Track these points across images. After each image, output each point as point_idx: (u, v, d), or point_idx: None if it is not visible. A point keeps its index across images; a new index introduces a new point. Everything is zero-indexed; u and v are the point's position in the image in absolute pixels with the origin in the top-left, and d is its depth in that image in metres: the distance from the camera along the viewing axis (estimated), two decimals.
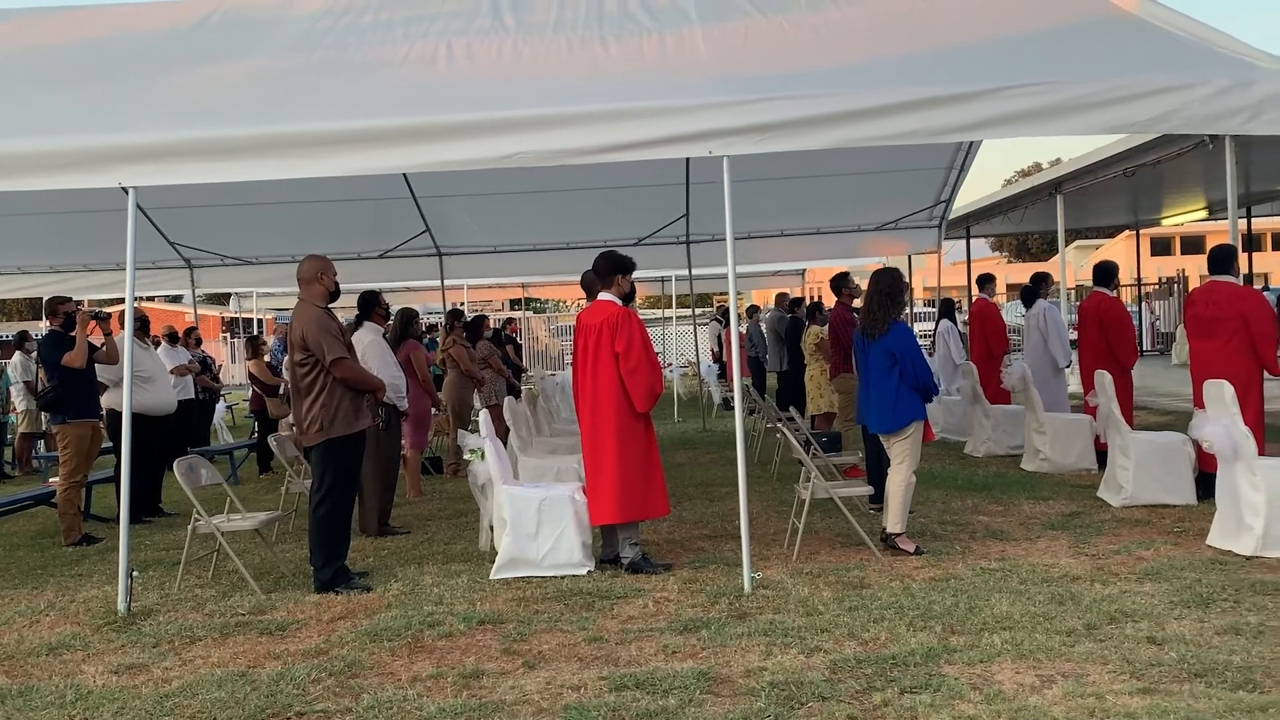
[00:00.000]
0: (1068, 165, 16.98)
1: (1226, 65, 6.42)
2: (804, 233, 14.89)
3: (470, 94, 6.97)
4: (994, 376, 11.87)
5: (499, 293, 29.18)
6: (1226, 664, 4.49)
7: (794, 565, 6.63)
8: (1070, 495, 8.64)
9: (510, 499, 6.74)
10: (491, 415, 8.64)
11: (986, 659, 4.72)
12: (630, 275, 7.01)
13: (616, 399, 6.64)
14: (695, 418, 16.87)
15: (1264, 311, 7.68)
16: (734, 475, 6.27)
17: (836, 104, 6.27)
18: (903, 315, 7.32)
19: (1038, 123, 6.22)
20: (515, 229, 13.87)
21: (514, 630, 5.52)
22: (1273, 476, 6.34)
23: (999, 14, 7.75)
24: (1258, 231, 27.05)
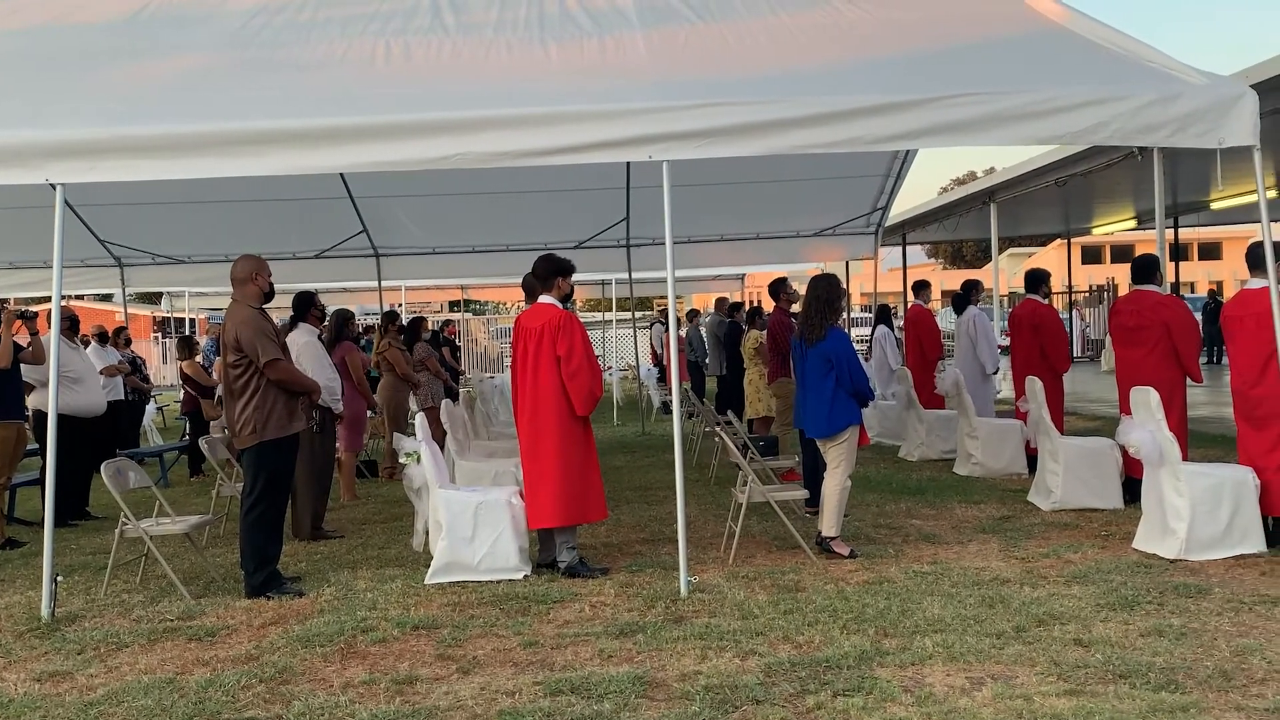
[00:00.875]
0: (1001, 175, 17.30)
1: (1154, 79, 6.57)
2: (743, 238, 15.01)
3: (409, 94, 6.91)
4: (929, 382, 12.04)
5: (438, 294, 29.01)
6: (1150, 665, 4.59)
7: (730, 569, 6.66)
8: (1001, 499, 8.79)
9: (446, 502, 6.70)
10: (428, 418, 8.59)
11: (918, 661, 4.78)
12: (570, 278, 7.01)
13: (556, 402, 6.62)
14: (634, 421, 16.89)
15: (1186, 320, 7.88)
16: (672, 479, 6.29)
17: (775, 111, 6.32)
18: (840, 321, 7.39)
19: (971, 133, 6.32)
20: (454, 230, 13.80)
21: (449, 635, 5.48)
22: (1196, 482, 6.50)
23: (935, 26, 7.85)
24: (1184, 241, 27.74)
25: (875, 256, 15.22)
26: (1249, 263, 6.91)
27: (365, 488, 10.84)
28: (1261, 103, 6.72)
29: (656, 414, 17.76)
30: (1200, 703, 4.17)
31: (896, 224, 20.44)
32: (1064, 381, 9.82)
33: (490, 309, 43.44)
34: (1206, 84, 6.48)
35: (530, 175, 10.00)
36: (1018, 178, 16.24)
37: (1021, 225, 25.69)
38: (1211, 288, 37.47)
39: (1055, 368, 9.62)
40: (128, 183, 6.56)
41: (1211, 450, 9.68)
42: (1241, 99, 6.40)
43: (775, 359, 10.25)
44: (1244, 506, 6.50)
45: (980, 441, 10.16)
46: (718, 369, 14.44)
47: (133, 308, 22.71)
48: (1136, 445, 6.74)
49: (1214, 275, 52.01)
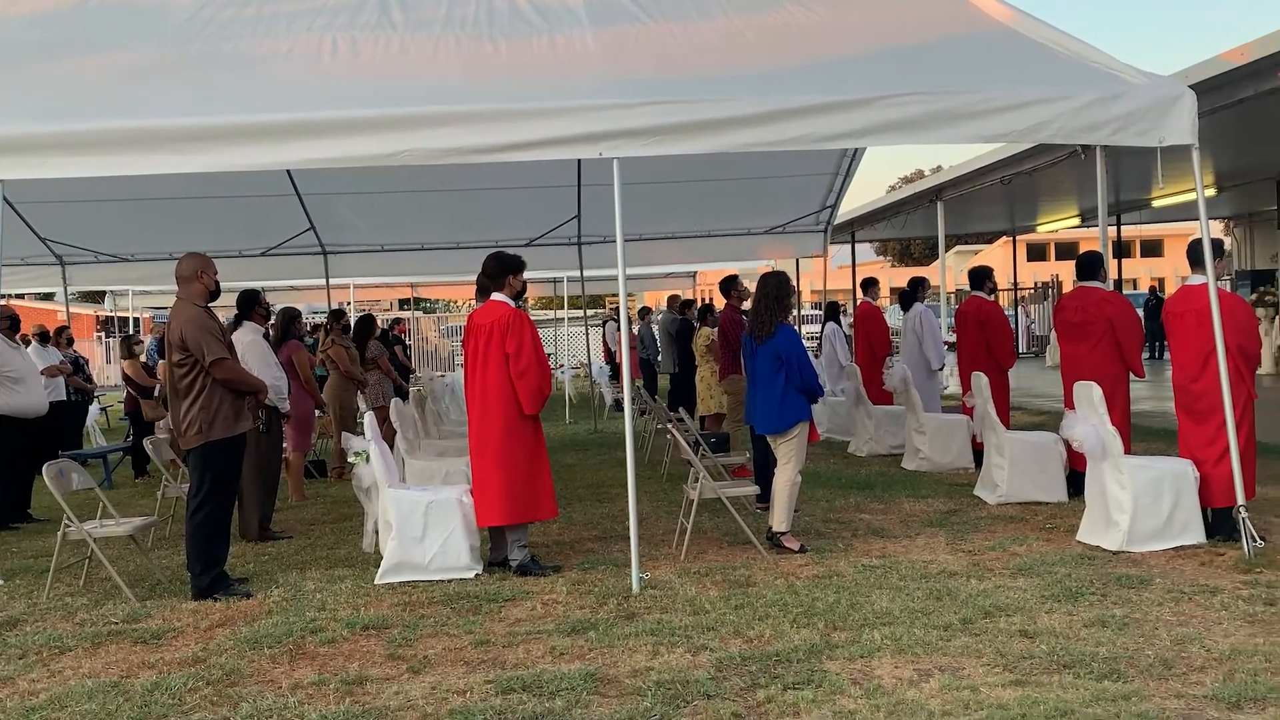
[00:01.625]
0: (947, 173, 17.51)
1: (1096, 79, 6.68)
2: (695, 235, 15.06)
3: (356, 90, 6.85)
4: (877, 378, 12.15)
5: (387, 292, 28.79)
6: (1093, 655, 4.67)
7: (682, 565, 6.69)
8: (949, 493, 8.89)
9: (396, 502, 6.65)
10: (377, 417, 8.52)
11: (867, 654, 4.83)
12: (521, 275, 6.98)
13: (506, 400, 6.60)
14: (586, 419, 16.87)
15: (1129, 316, 8.02)
16: (624, 476, 6.30)
17: (725, 109, 6.34)
18: (790, 318, 7.43)
19: (917, 131, 6.39)
20: (404, 228, 13.70)
21: (399, 635, 5.45)
22: (1138, 475, 6.62)
23: (882, 26, 7.92)
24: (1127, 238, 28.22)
25: (825, 254, 15.35)
26: (1190, 260, 7.06)
27: (314, 488, 10.74)
28: (1200, 103, 6.86)
29: (609, 412, 17.76)
30: (1142, 691, 4.25)
31: (845, 222, 20.62)
32: (1009, 377, 9.95)
33: (441, 307, 43.17)
34: (1147, 84, 6.60)
35: (481, 172, 9.97)
36: (964, 176, 16.45)
37: (968, 223, 26.02)
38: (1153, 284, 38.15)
39: (1001, 363, 9.76)
40: (70, 180, 6.45)
41: (1154, 444, 9.86)
42: (1180, 99, 6.53)
43: (726, 356, 10.30)
44: (1184, 499, 6.63)
45: (927, 437, 10.28)
46: (670, 366, 14.47)
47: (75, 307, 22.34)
48: (1080, 439, 6.86)
49: (1156, 272, 52.97)
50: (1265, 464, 8.62)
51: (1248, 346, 6.78)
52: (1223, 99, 10.46)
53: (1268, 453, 9.43)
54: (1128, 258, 36.39)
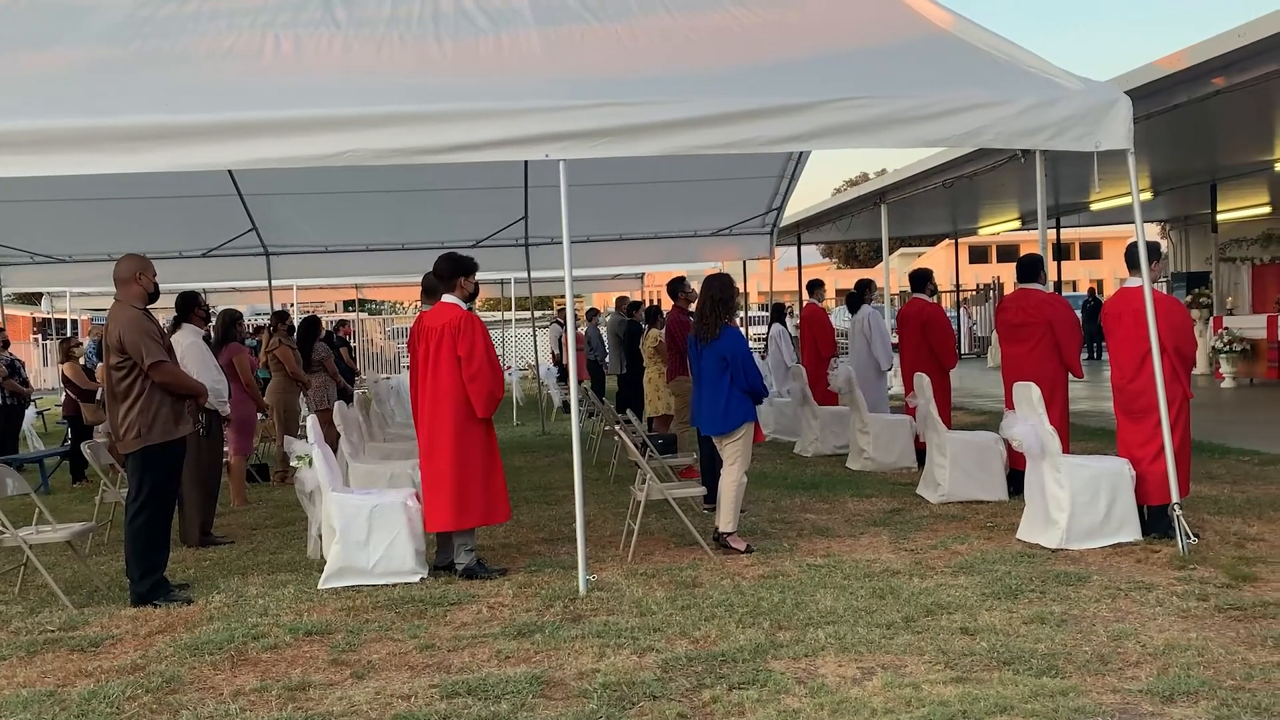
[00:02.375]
0: (891, 176, 17.70)
1: (1034, 84, 6.79)
2: (642, 237, 15.10)
3: (298, 89, 6.78)
4: (823, 379, 12.24)
5: (332, 293, 28.49)
6: (1032, 652, 4.75)
7: (629, 566, 6.69)
8: (892, 493, 8.99)
9: (340, 506, 6.59)
10: (321, 420, 8.44)
11: (811, 653, 4.87)
12: (473, 276, 6.94)
13: (457, 403, 6.56)
14: (534, 421, 16.82)
15: (1068, 317, 8.16)
16: (571, 478, 6.29)
17: (671, 112, 6.36)
18: (735, 320, 7.47)
19: (860, 135, 6.46)
20: (348, 228, 13.58)
21: (343, 640, 5.40)
22: (1076, 473, 6.74)
23: (826, 30, 7.99)
24: (1066, 241, 28.71)
25: (771, 256, 15.44)
26: (1127, 262, 7.20)
27: (256, 492, 10.60)
28: (1136, 108, 7.00)
29: (556, 413, 17.72)
30: (1079, 686, 4.33)
31: (791, 224, 20.77)
32: (951, 377, 10.09)
33: (387, 308, 42.81)
34: (1083, 89, 6.72)
35: (427, 173, 9.91)
36: (907, 179, 16.64)
37: (911, 225, 26.31)
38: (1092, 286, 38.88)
39: (943, 364, 9.89)
40: (4, 180, 6.31)
41: (1092, 443, 10.04)
42: (1116, 104, 6.65)
43: (674, 358, 10.32)
44: (1121, 497, 6.76)
45: (872, 437, 10.38)
46: (618, 368, 14.49)
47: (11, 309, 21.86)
48: (1019, 439, 6.97)
49: (1094, 274, 53.97)
50: (1199, 462, 8.83)
51: (1183, 347, 6.93)
52: (1158, 104, 10.68)
53: (1202, 451, 9.66)
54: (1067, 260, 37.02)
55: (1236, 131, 14.41)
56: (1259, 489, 8.26)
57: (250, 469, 10.94)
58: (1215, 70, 9.95)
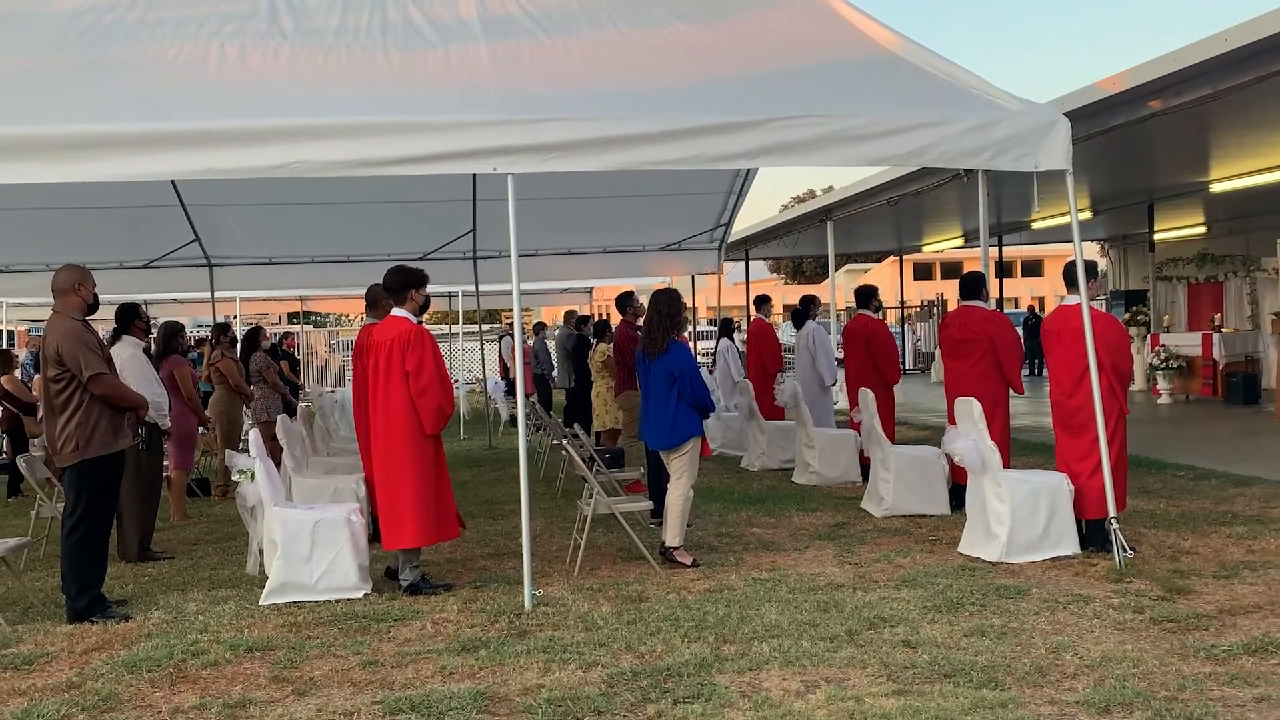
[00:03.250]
0: (837, 194, 17.89)
1: (976, 105, 6.91)
2: (591, 251, 15.11)
3: (243, 99, 6.72)
4: (769, 393, 12.32)
5: (275, 306, 28.13)
6: (973, 664, 4.81)
7: (575, 581, 6.68)
8: (837, 507, 9.06)
9: (282, 521, 6.51)
10: (263, 433, 8.34)
11: (755, 667, 4.89)
12: (424, 289, 6.91)
13: (409, 419, 6.50)
14: (481, 435, 16.75)
15: (1009, 334, 8.31)
16: (518, 493, 6.27)
17: (620, 127, 6.39)
18: (682, 334, 7.50)
19: (806, 154, 6.53)
20: (293, 240, 13.45)
21: (284, 657, 5.33)
22: (1016, 488, 6.84)
23: (773, 48, 8.07)
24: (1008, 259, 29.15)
25: (719, 271, 15.52)
26: (1065, 281, 7.33)
27: (197, 507, 10.44)
28: (1075, 129, 7.15)
29: (504, 427, 17.65)
30: (1018, 698, 4.39)
31: (739, 240, 20.91)
32: (895, 393, 10.20)
33: (332, 321, 42.39)
34: (1024, 110, 6.85)
35: (374, 185, 9.84)
36: (853, 197, 16.83)
37: (857, 242, 26.60)
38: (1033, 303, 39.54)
39: (887, 379, 10.00)
40: None
41: (1032, 458, 10.20)
42: (1055, 125, 6.79)
43: (622, 372, 10.34)
44: (1059, 511, 6.87)
45: (817, 451, 10.47)
46: (566, 382, 14.47)
47: None
48: (961, 453, 7.07)
49: (1036, 291, 54.88)
50: (1136, 477, 9.00)
51: (1120, 364, 7.07)
52: (1097, 125, 10.91)
53: (1139, 466, 9.85)
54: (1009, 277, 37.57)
55: (1173, 153, 14.75)
56: (1193, 503, 8.44)
57: (191, 483, 10.78)
58: (1152, 93, 10.19)
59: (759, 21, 8.59)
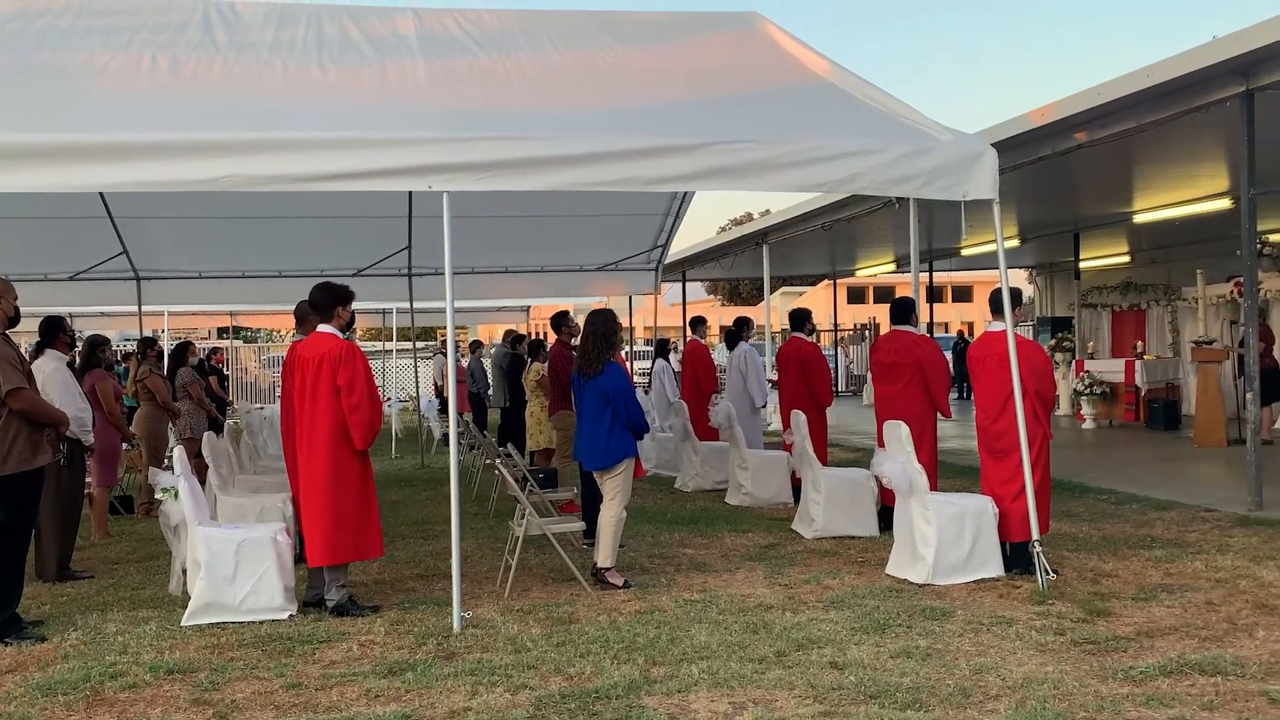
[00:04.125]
0: (773, 217, 18.09)
1: (907, 134, 7.04)
2: (528, 270, 15.11)
3: (174, 111, 6.63)
4: (704, 414, 12.38)
5: (205, 320, 27.68)
6: (898, 685, 4.86)
7: (505, 603, 6.64)
8: (768, 528, 9.12)
9: (206, 540, 6.39)
10: (188, 450, 8.20)
11: (684, 689, 4.90)
12: (350, 306, 6.85)
13: (335, 435, 6.43)
14: (413, 454, 16.60)
15: (938, 359, 8.44)
16: (450, 513, 6.23)
17: (556, 148, 6.39)
18: (618, 355, 7.51)
19: (740, 178, 6.59)
20: (224, 254, 13.28)
21: (206, 679, 5.23)
22: (942, 510, 6.94)
23: (709, 74, 8.17)
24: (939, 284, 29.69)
25: (656, 292, 15.60)
26: (991, 308, 7.48)
27: (119, 525, 10.21)
28: (1003, 159, 7.32)
29: (436, 446, 17.51)
30: (941, 719, 4.45)
31: (677, 261, 21.03)
32: (828, 415, 10.31)
33: (263, 336, 41.75)
34: (953, 141, 6.99)
35: (307, 200, 9.76)
36: (788, 221, 17.03)
37: (792, 265, 26.86)
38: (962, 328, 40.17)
39: (820, 402, 10.11)
40: None
41: (959, 481, 10.36)
42: (983, 156, 6.94)
43: (556, 391, 10.33)
44: (984, 534, 6.98)
45: (750, 472, 10.53)
46: (500, 401, 14.42)
47: None
48: (889, 476, 7.16)
49: (966, 316, 55.75)
50: (1060, 501, 9.19)
51: (1044, 390, 7.21)
52: (1025, 156, 11.17)
53: (1062, 490, 10.06)
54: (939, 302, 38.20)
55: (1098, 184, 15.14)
56: (1114, 527, 8.63)
57: (114, 501, 10.55)
58: (1078, 125, 10.47)
59: (698, 48, 8.70)
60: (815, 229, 16.38)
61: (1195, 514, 9.04)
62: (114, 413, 9.48)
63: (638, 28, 8.97)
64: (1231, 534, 8.12)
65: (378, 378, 30.14)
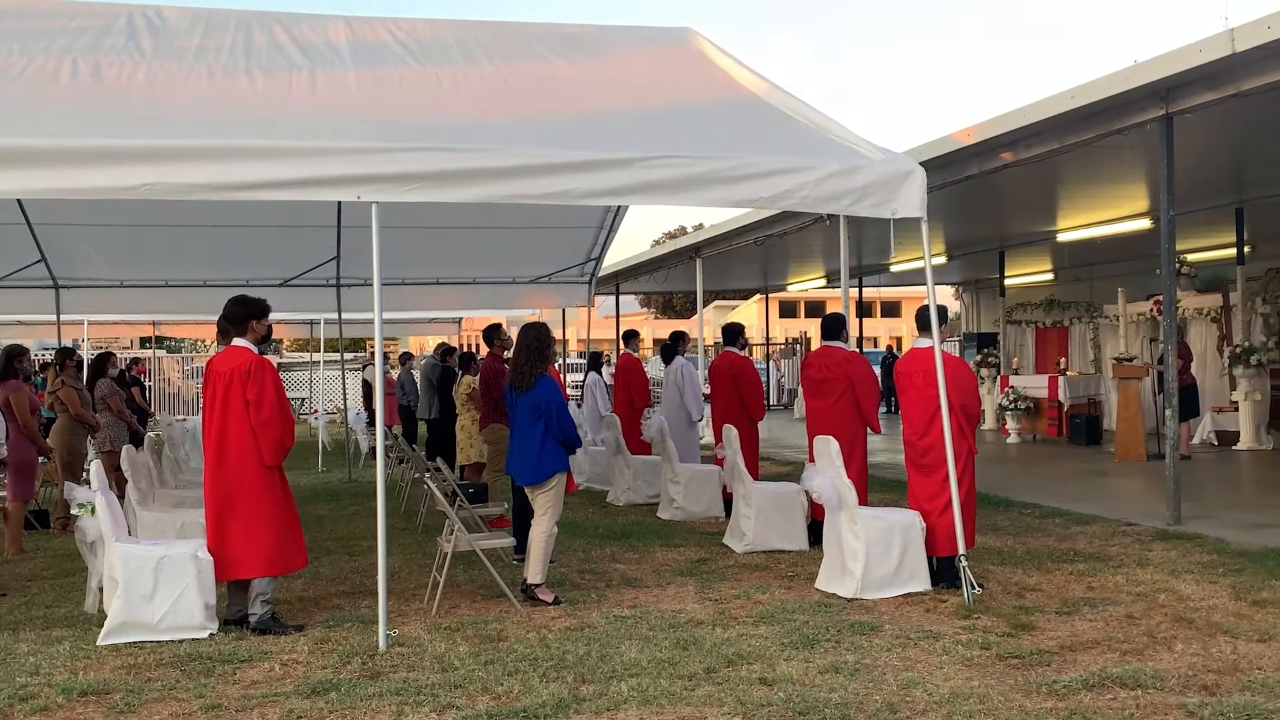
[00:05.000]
0: (707, 232, 18.19)
1: (838, 152, 7.11)
2: (460, 282, 14.96)
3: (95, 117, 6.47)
4: (637, 428, 12.38)
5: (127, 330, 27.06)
6: (826, 701, 4.87)
7: (433, 620, 6.55)
8: (700, 542, 9.12)
9: (123, 557, 6.21)
10: (107, 463, 7.98)
11: (613, 707, 4.86)
12: (266, 319, 6.72)
13: (245, 449, 6.32)
14: (341, 467, 16.35)
15: (867, 375, 8.52)
16: (376, 528, 6.12)
17: (487, 160, 6.35)
18: (550, 369, 7.46)
19: (672, 193, 6.59)
20: (147, 263, 12.96)
21: (121, 701, 5.07)
22: (870, 525, 6.99)
23: (644, 88, 8.19)
24: (868, 299, 30.06)
25: (589, 304, 15.56)
26: (918, 325, 7.57)
27: (34, 540, 9.89)
28: (931, 178, 7.42)
29: (364, 460, 17.28)
30: None
31: (611, 274, 21.06)
32: (760, 428, 10.36)
33: (187, 346, 40.93)
34: (882, 159, 7.07)
35: (233, 208, 9.53)
36: (721, 235, 17.14)
37: (726, 279, 27.05)
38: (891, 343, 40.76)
39: (752, 416, 10.16)
40: None
41: (888, 494, 10.46)
42: (912, 175, 7.02)
43: (487, 405, 10.24)
44: (912, 548, 7.05)
45: (682, 487, 10.54)
46: (427, 413, 14.27)
47: None
48: (818, 491, 7.20)
49: (894, 331, 56.64)
50: (985, 515, 9.32)
51: (969, 406, 7.32)
52: (952, 175, 11.37)
53: (988, 504, 10.21)
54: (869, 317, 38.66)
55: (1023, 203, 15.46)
56: (1038, 541, 8.77)
57: (29, 515, 10.22)
58: (1003, 146, 10.68)
59: (633, 63, 8.71)
60: (748, 244, 16.50)
61: (1116, 528, 9.22)
62: (29, 425, 9.20)
63: (572, 40, 8.96)
64: (1151, 548, 8.29)
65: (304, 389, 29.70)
